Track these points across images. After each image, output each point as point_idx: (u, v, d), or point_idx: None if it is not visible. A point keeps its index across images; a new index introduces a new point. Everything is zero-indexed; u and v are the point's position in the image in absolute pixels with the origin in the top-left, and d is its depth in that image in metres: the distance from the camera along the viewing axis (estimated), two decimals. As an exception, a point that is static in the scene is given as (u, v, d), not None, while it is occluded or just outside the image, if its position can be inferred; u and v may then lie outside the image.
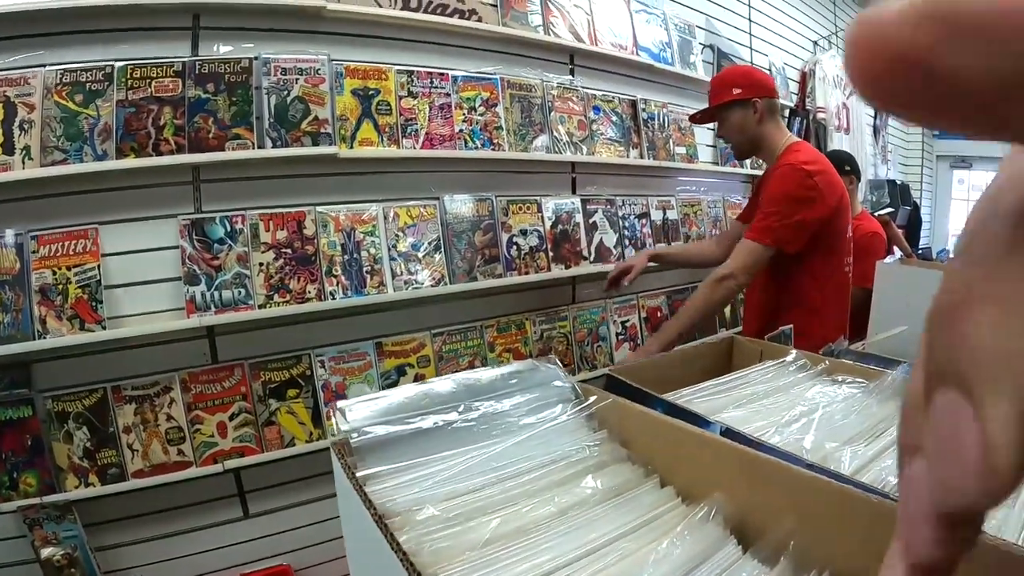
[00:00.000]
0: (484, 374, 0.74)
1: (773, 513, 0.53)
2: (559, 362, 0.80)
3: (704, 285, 2.28)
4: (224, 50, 2.04)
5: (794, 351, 1.15)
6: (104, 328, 1.82)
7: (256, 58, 2.03)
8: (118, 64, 1.85)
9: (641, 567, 0.49)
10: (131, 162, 1.84)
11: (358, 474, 0.57)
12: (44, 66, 1.79)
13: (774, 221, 2.14)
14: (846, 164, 3.41)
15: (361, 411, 0.64)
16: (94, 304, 1.81)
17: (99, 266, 1.83)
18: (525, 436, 0.64)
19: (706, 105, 2.45)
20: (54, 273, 1.78)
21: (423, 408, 0.66)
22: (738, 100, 2.31)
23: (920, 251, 6.28)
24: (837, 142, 4.80)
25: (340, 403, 0.65)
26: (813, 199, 2.14)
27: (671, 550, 0.51)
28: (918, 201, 6.94)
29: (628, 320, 3.09)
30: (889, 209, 5.03)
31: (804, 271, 2.26)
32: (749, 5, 4.24)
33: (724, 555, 0.52)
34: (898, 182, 6.07)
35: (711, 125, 3.43)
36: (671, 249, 2.98)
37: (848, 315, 2.34)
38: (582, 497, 0.58)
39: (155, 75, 1.89)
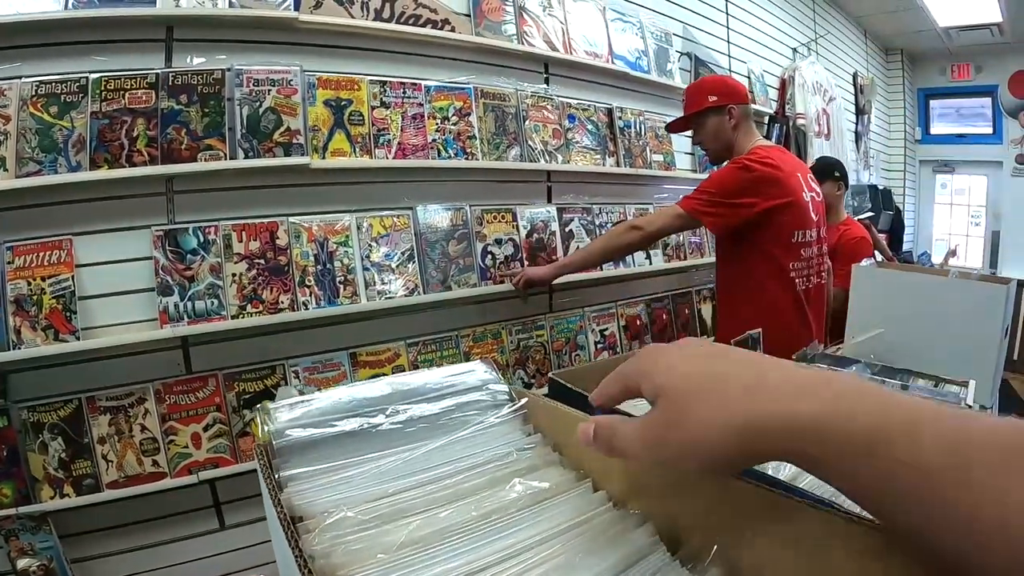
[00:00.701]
0: (416, 377, 0.73)
1: (703, 518, 0.52)
2: (494, 365, 0.81)
3: (617, 227, 2.54)
4: (197, 61, 2.05)
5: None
6: (78, 339, 1.82)
7: (229, 69, 2.04)
8: (92, 76, 1.86)
9: (562, 572, 0.49)
10: (104, 173, 1.84)
11: (279, 475, 0.58)
12: (20, 78, 1.80)
13: (700, 195, 2.29)
14: (835, 171, 3.47)
15: (288, 413, 0.65)
16: (68, 315, 1.81)
17: (73, 277, 1.83)
18: (453, 439, 0.64)
19: (683, 112, 2.52)
20: (29, 284, 1.78)
21: (351, 411, 0.67)
22: (714, 107, 2.40)
23: (903, 254, 6.33)
24: (818, 148, 4.84)
25: (267, 404, 0.66)
26: (743, 190, 2.24)
27: (596, 555, 0.51)
28: (901, 205, 6.99)
29: (607, 328, 3.10)
30: (869, 213, 5.06)
31: (744, 274, 2.41)
32: (727, 13, 4.26)
33: (652, 560, 0.52)
34: (880, 187, 6.12)
35: (688, 133, 3.48)
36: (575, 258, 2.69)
37: (796, 322, 2.37)
38: (508, 501, 0.58)
39: (129, 87, 1.90)
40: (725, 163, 2.47)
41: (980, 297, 1.81)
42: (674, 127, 2.69)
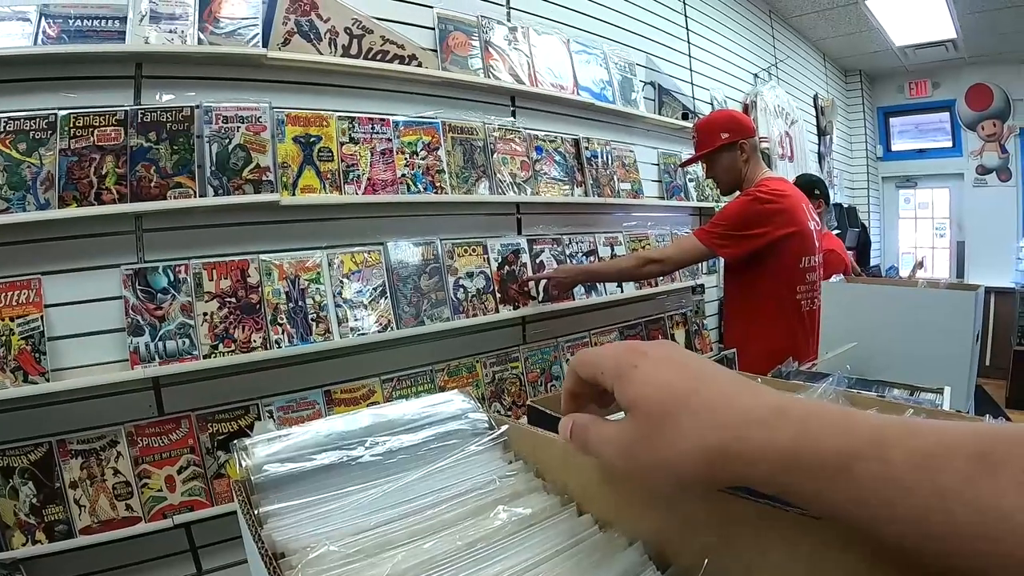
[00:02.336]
0: (394, 409, 0.73)
1: (691, 535, 0.52)
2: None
3: (637, 257, 2.79)
4: (166, 99, 2.04)
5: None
6: (48, 380, 1.78)
7: (198, 106, 2.04)
8: (61, 113, 1.84)
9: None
10: (73, 211, 1.82)
11: (258, 511, 0.57)
12: (-12, 114, 1.78)
13: (714, 228, 2.44)
14: (816, 188, 3.59)
15: (265, 448, 0.64)
16: (37, 356, 1.78)
17: (42, 317, 1.79)
18: (434, 468, 0.64)
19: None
20: (-4, 324, 1.75)
21: (329, 444, 0.66)
22: (726, 144, 2.54)
23: (871, 269, 6.44)
24: (781, 169, 4.93)
25: (243, 440, 0.66)
26: (755, 222, 2.37)
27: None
28: (866, 222, 7.12)
29: (582, 357, 3.09)
30: (836, 231, 5.15)
31: (754, 296, 2.54)
32: (689, 42, 4.35)
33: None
34: (845, 205, 6.24)
35: (655, 161, 3.57)
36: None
37: (801, 342, 2.47)
38: (492, 529, 0.57)
39: (98, 124, 1.88)
40: (736, 193, 2.60)
41: (950, 305, 1.84)
42: (688, 163, 2.96)
